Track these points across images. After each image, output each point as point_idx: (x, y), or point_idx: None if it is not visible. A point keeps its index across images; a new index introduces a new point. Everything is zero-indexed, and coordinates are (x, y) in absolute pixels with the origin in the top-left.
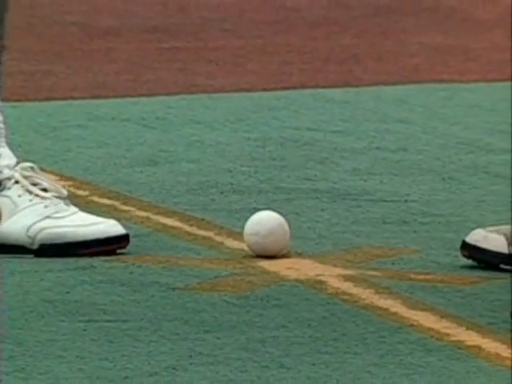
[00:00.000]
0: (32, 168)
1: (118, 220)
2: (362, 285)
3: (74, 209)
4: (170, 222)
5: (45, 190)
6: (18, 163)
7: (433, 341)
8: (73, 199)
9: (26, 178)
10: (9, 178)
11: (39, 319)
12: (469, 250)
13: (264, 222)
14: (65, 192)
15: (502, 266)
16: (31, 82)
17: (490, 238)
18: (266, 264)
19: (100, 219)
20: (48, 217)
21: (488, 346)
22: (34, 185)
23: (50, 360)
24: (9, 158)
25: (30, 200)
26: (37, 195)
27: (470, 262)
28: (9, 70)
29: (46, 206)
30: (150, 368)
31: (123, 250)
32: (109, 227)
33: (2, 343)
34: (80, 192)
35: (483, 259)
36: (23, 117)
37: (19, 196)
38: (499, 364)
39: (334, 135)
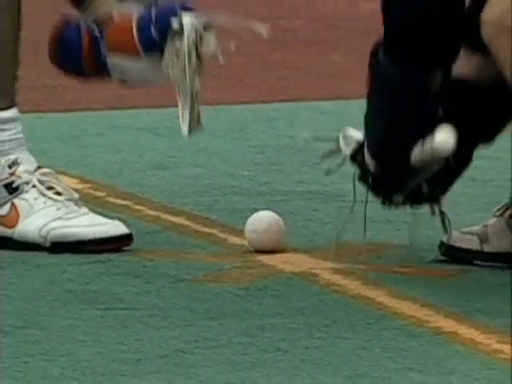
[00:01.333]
0: (49, 173)
1: (132, 218)
2: (351, 277)
3: (84, 210)
4: (178, 220)
5: (58, 193)
6: (38, 168)
7: (414, 327)
8: (91, 200)
9: (41, 182)
10: (27, 183)
11: (62, 307)
12: (446, 249)
13: (262, 220)
14: (76, 195)
15: (476, 261)
16: (54, 95)
17: (464, 238)
18: (264, 258)
19: (106, 220)
20: (59, 218)
21: (463, 331)
22: (49, 189)
23: (71, 344)
24: (29, 163)
25: (44, 202)
26: (50, 198)
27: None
28: (34, 84)
29: (58, 209)
30: (161, 351)
31: (137, 246)
32: (113, 227)
33: (4, 338)
34: (98, 193)
35: (459, 256)
36: (47, 126)
37: (35, 199)
38: (473, 348)
39: (327, 144)
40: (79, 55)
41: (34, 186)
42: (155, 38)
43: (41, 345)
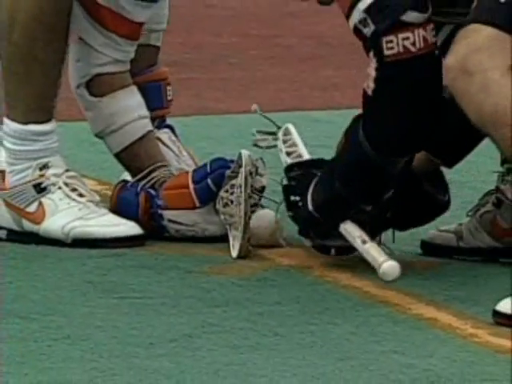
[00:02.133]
0: (75, 176)
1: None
2: (341, 269)
3: (104, 211)
4: None
5: (81, 195)
6: (66, 171)
7: (398, 314)
8: (108, 200)
9: (67, 184)
10: (54, 184)
11: (82, 296)
12: (426, 246)
13: (263, 219)
14: (97, 198)
15: (453, 256)
16: (75, 106)
17: (442, 236)
18: (264, 252)
19: (122, 221)
20: (80, 218)
21: (442, 318)
22: (73, 190)
23: (90, 329)
24: (59, 167)
25: (68, 203)
26: (74, 199)
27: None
28: (58, 96)
29: (79, 209)
30: (171, 336)
31: (149, 241)
32: (129, 228)
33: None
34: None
35: (438, 252)
36: (69, 134)
37: (60, 199)
38: (451, 333)
39: (319, 149)
40: (136, 212)
41: (59, 188)
42: (212, 188)
43: (63, 330)
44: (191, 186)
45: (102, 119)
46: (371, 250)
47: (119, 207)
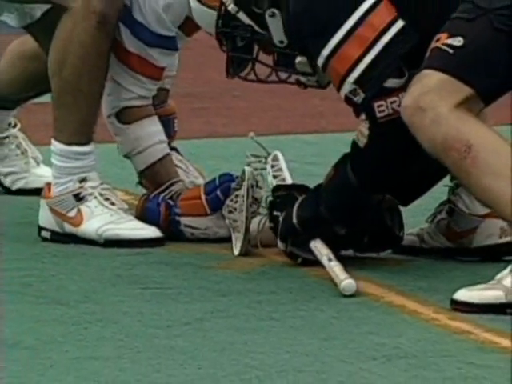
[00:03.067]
0: (108, 188)
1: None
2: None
3: (131, 217)
4: None
5: (113, 203)
6: (101, 184)
7: (373, 302)
8: (133, 207)
9: (101, 195)
10: (90, 194)
11: (112, 287)
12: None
13: (261, 223)
14: (126, 206)
15: (418, 255)
16: (106, 130)
17: (408, 238)
18: (262, 251)
19: (146, 226)
20: (111, 222)
21: (410, 305)
22: (106, 199)
23: (119, 314)
24: (95, 181)
25: (102, 210)
26: (106, 207)
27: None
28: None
29: (111, 215)
30: (185, 319)
31: (168, 242)
32: (151, 232)
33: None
34: (137, 203)
35: (405, 252)
36: (101, 153)
37: (95, 207)
38: (416, 317)
39: (308, 165)
40: (158, 218)
41: (95, 197)
42: (221, 198)
43: (96, 315)
44: (203, 196)
45: (129, 143)
46: (335, 268)
47: (144, 215)
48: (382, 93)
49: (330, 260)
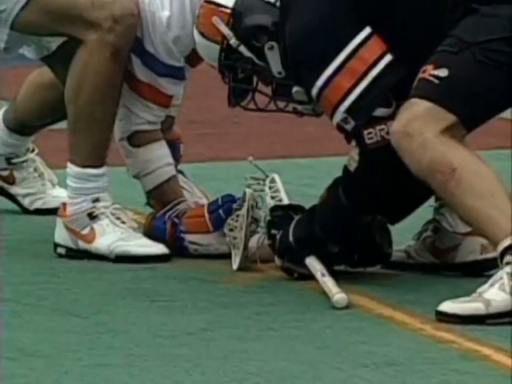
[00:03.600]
0: (119, 208)
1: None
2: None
3: (139, 235)
4: None
5: (123, 222)
6: (113, 204)
7: (363, 313)
8: (141, 226)
9: (113, 214)
10: (103, 213)
11: (121, 300)
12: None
13: (259, 241)
14: (135, 225)
15: (406, 270)
16: (117, 153)
17: (396, 254)
18: (261, 266)
19: (153, 242)
20: (122, 239)
21: (398, 316)
22: (117, 218)
23: (128, 325)
24: (107, 201)
25: (113, 228)
26: (117, 226)
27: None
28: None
29: (122, 233)
30: (190, 330)
31: (174, 258)
32: (158, 248)
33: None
34: (144, 221)
35: (394, 267)
36: (113, 176)
37: (107, 225)
38: (404, 327)
39: (303, 187)
40: (164, 235)
41: (107, 216)
42: (223, 217)
43: (107, 326)
44: (207, 215)
45: (139, 164)
46: (328, 283)
47: (151, 232)
48: (371, 121)
49: (323, 275)
